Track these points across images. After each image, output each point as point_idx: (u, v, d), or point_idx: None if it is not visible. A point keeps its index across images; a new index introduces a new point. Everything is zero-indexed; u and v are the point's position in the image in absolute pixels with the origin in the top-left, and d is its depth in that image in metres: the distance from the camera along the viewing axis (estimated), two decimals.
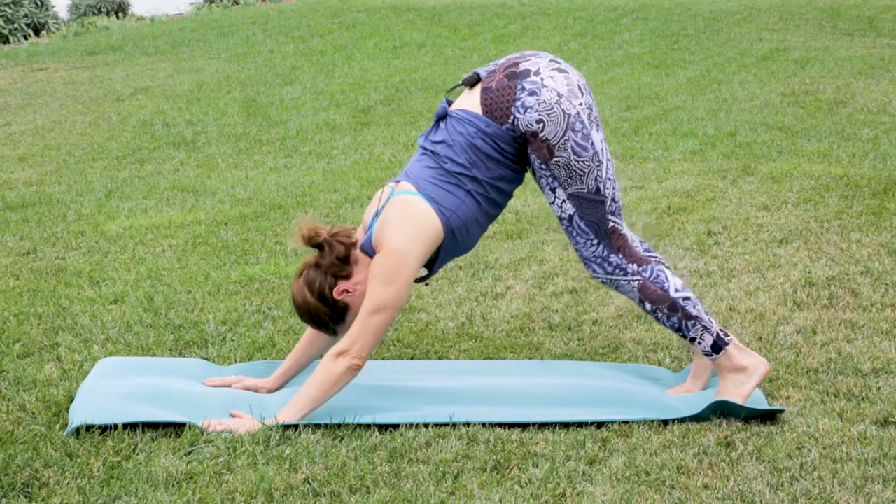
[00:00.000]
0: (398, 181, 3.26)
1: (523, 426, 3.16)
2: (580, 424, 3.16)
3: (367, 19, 14.20)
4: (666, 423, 3.17)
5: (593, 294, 4.40)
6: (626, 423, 3.15)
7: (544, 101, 3.16)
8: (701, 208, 5.63)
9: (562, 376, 3.58)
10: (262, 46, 12.67)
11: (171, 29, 14.57)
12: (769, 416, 3.20)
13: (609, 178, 3.24)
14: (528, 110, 3.16)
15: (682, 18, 13.49)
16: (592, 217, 3.24)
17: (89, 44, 13.60)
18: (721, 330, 3.30)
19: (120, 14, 19.50)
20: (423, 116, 8.73)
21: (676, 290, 3.28)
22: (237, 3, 18.16)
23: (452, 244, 3.26)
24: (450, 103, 3.34)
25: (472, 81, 3.29)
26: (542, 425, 3.16)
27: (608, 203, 3.25)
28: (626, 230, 3.31)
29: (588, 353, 3.86)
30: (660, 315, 3.30)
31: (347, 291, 3.25)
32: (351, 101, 9.47)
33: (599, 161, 3.21)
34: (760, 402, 3.29)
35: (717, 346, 3.28)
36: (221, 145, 7.91)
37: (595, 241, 3.27)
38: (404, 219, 3.17)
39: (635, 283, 3.28)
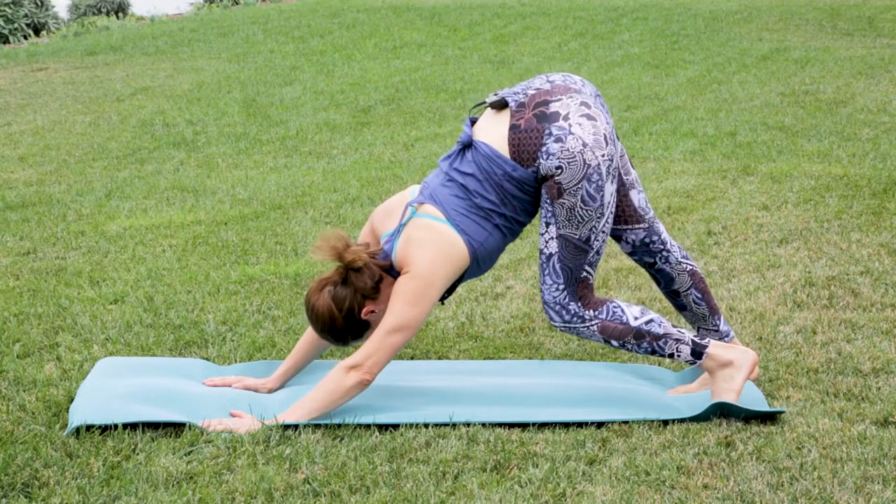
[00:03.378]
0: (422, 203, 3.26)
1: (523, 426, 3.16)
2: (580, 424, 3.16)
3: (367, 19, 14.20)
4: (666, 423, 3.17)
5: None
6: (626, 423, 3.15)
7: (567, 150, 3.15)
8: (701, 208, 5.63)
9: (562, 376, 3.58)
10: (262, 46, 12.66)
11: (171, 29, 14.56)
12: (769, 416, 3.20)
13: (603, 232, 3.25)
14: (551, 157, 3.16)
15: (682, 18, 13.49)
16: (570, 263, 3.25)
17: (89, 44, 13.60)
18: (694, 336, 3.29)
19: (120, 14, 19.49)
20: (423, 116, 8.73)
21: (636, 318, 3.29)
22: (237, 3, 18.16)
23: (475, 270, 3.32)
24: (473, 122, 3.34)
25: (500, 106, 3.28)
26: (542, 425, 3.16)
27: (591, 254, 3.26)
28: (593, 280, 3.33)
29: (588, 353, 3.86)
30: (630, 346, 3.30)
31: (374, 312, 3.28)
32: (351, 101, 9.47)
33: (601, 213, 3.22)
34: (761, 403, 3.29)
35: (697, 353, 3.27)
36: (221, 145, 7.91)
37: (561, 287, 3.28)
38: (434, 244, 3.20)
39: (595, 327, 3.29)
